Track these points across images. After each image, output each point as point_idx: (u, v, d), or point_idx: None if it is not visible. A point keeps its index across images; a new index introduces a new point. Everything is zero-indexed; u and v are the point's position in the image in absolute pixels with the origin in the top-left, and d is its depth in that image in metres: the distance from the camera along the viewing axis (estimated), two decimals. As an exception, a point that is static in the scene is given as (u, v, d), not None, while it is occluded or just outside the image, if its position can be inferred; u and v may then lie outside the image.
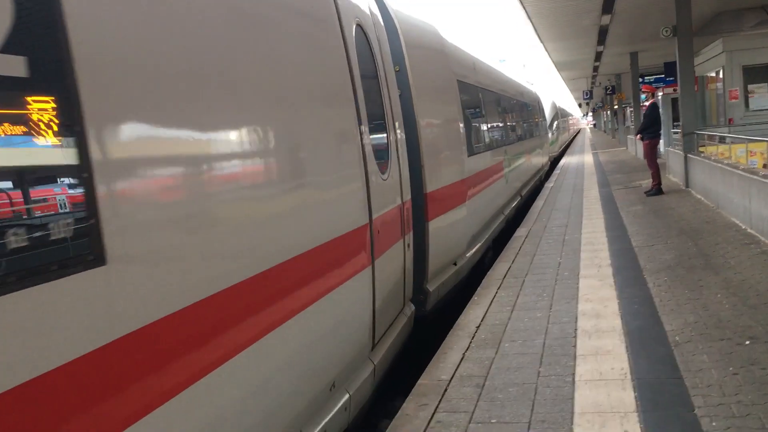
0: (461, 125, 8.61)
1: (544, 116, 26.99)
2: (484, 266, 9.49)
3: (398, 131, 5.86)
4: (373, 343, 4.87)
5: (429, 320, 6.95)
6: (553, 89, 55.77)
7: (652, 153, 14.25)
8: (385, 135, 5.47)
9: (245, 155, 3.13)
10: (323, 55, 4.19)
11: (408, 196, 5.92)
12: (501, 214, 12.18)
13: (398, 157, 5.72)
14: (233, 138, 3.03)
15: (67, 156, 2.04)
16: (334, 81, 4.31)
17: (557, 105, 41.46)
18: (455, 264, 7.96)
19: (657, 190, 14.11)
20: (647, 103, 14.75)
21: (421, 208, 6.68)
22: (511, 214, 13.52)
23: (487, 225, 10.33)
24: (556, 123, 36.52)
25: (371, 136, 4.90)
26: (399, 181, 5.65)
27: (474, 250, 8.96)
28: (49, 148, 2.02)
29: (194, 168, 2.70)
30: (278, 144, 3.42)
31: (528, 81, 25.14)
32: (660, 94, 22.84)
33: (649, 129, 14.32)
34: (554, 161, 31.21)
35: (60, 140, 2.02)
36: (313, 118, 3.87)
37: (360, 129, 4.60)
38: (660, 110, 15.53)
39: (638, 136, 14.75)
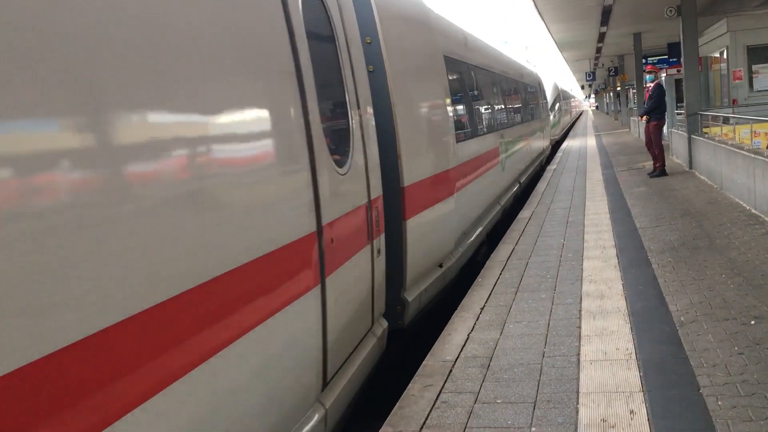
0: (449, 107, 7.65)
1: (545, 98, 25.76)
2: (476, 263, 8.70)
3: (365, 114, 4.95)
4: (324, 383, 3.94)
5: (410, 333, 6.23)
6: (555, 71, 55.52)
7: (657, 134, 14.18)
8: (346, 119, 4.57)
9: (105, 144, 2.15)
10: (242, 15, 3.22)
11: (379, 192, 5.08)
12: (497, 205, 11.16)
13: (365, 145, 4.82)
14: (83, 120, 2.07)
15: None
16: (262, 49, 3.36)
17: (559, 87, 40.03)
18: (441, 266, 7.02)
19: (661, 171, 14.07)
20: (651, 84, 14.59)
21: (397, 204, 5.75)
22: (509, 203, 12.57)
23: (480, 218, 9.42)
24: (558, 105, 35.30)
25: (325, 120, 4.05)
26: (365, 174, 4.76)
27: (464, 248, 8.04)
28: None
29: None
30: (165, 129, 2.48)
31: (528, 61, 23.93)
32: (663, 75, 22.69)
33: (656, 110, 14.23)
34: (556, 144, 30.64)
35: None
36: (225, 94, 2.92)
37: (304, 110, 3.66)
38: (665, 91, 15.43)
39: (643, 117, 14.62)
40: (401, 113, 5.91)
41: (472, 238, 8.61)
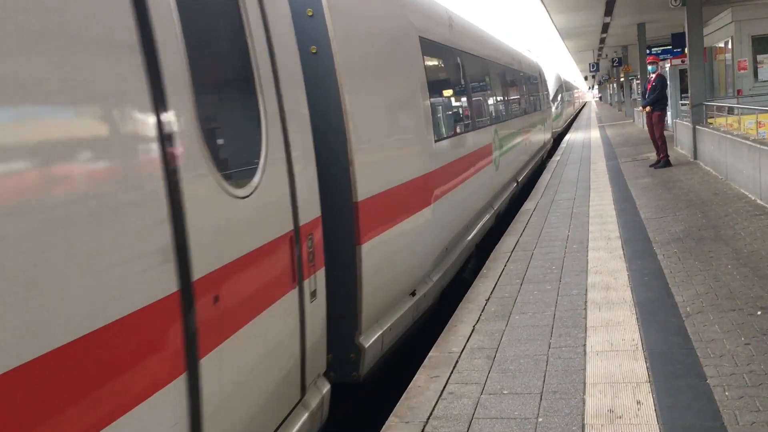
0: (426, 99, 6.21)
1: (546, 89, 24.30)
2: (463, 282, 7.57)
3: (292, 110, 3.65)
4: None
5: (368, 385, 5.06)
6: (557, 61, 55.15)
7: (660, 125, 14.14)
8: (254, 117, 3.30)
9: None
10: None
11: (316, 213, 3.88)
12: (489, 209, 9.81)
13: (289, 152, 3.55)
14: None
15: None
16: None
17: (562, 77, 38.95)
18: (414, 294, 5.72)
19: (665, 162, 14.03)
20: (654, 75, 14.50)
21: (348, 225, 4.52)
22: (504, 206, 11.27)
23: (468, 227, 8.08)
24: (560, 96, 34.27)
25: (208, 120, 2.92)
26: (289, 191, 3.52)
27: (445, 268, 6.68)
28: None
29: None
30: None
31: (530, 50, 22.84)
32: (668, 66, 22.56)
33: (659, 101, 14.19)
34: (559, 137, 30.02)
35: None
36: None
37: (161, 107, 2.42)
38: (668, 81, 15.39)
39: (646, 108, 14.55)
40: (355, 107, 4.63)
41: (457, 254, 7.26)
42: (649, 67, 15.06)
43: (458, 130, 8.06)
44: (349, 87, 4.58)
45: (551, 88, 29.88)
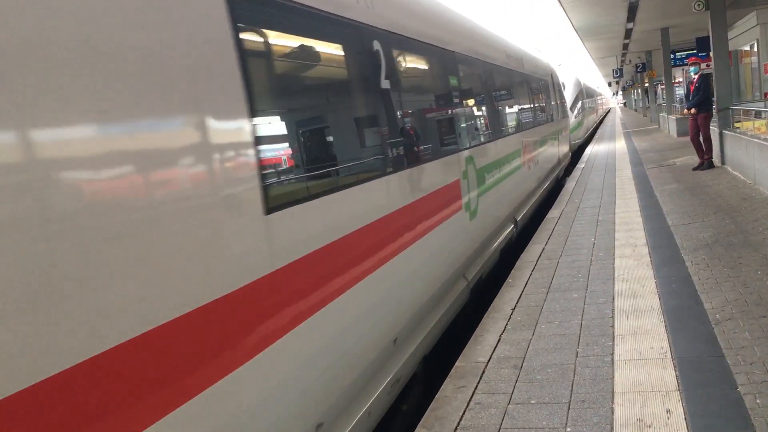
0: (261, 124, 3.16)
1: (561, 96, 19.75)
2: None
3: None
4: None
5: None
6: (579, 66, 54.51)
7: (706, 127, 13.89)
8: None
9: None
10: None
11: None
12: (461, 280, 6.56)
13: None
14: None
15: None
16: None
17: (582, 82, 33.96)
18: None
19: (709, 164, 13.84)
20: (696, 76, 14.22)
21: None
22: (489, 267, 7.88)
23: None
24: (580, 103, 30.07)
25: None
26: None
27: None
28: None
29: None
30: None
31: (539, 50, 18.36)
32: (711, 66, 22.25)
33: (704, 102, 13.95)
34: (579, 149, 26.46)
35: None
36: None
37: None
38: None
39: (691, 110, 14.09)
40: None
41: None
42: (691, 69, 14.74)
43: (374, 169, 4.61)
44: None
45: (569, 94, 27.19)
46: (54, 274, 2.02)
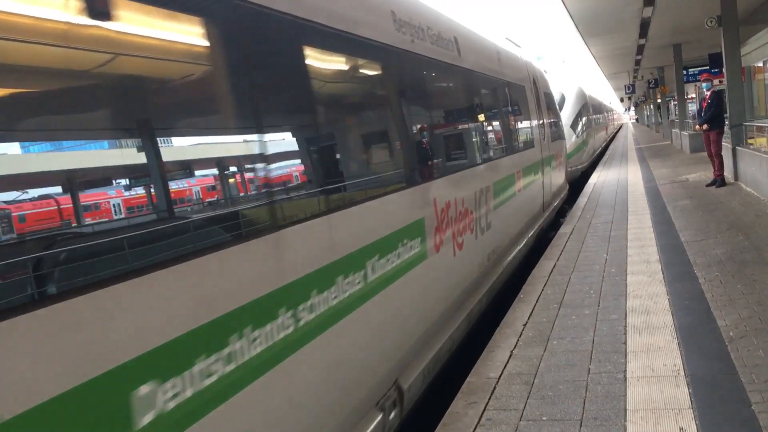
0: None
1: (552, 110, 14.34)
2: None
3: None
4: None
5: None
6: (591, 82, 54.26)
7: (718, 143, 13.86)
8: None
9: None
10: None
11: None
12: None
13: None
14: None
15: None
16: None
17: (587, 94, 26.99)
18: None
19: (721, 181, 13.78)
20: (708, 92, 14.20)
21: None
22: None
23: None
24: (584, 120, 23.39)
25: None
26: None
27: None
28: None
29: None
30: None
31: (510, 39, 11.70)
32: (724, 82, 22.15)
33: (716, 118, 13.91)
34: (584, 174, 21.60)
35: None
36: None
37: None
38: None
39: (703, 126, 14.03)
40: None
41: None
42: (704, 85, 14.71)
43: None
44: None
45: (570, 108, 21.73)
46: None
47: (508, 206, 8.52)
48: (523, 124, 10.71)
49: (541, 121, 12.03)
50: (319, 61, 4.24)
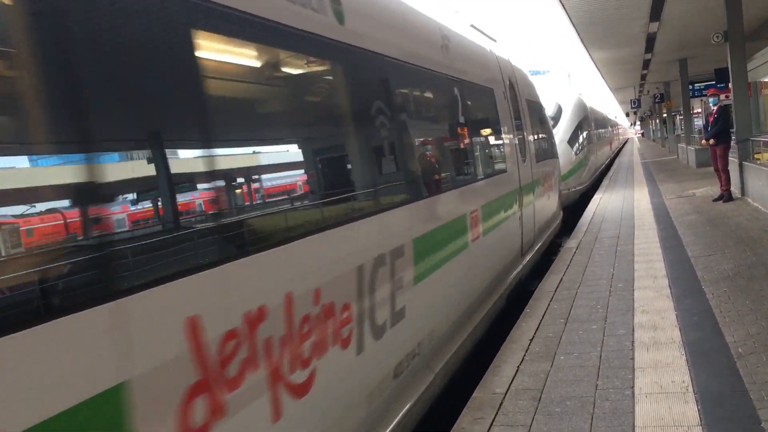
0: None
1: (541, 122, 11.90)
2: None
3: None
4: None
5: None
6: (596, 96, 54.14)
7: (724, 158, 13.83)
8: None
9: None
10: None
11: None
12: None
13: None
14: None
15: None
16: None
17: (588, 106, 24.37)
18: None
19: (728, 196, 13.74)
20: (715, 107, 14.18)
21: None
22: None
23: None
24: (584, 134, 21.04)
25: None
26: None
27: None
28: None
29: None
30: None
31: (474, 27, 8.71)
32: (730, 97, 22.13)
33: (723, 133, 13.89)
34: (584, 196, 19.05)
35: None
36: None
37: None
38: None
39: (709, 141, 13.97)
40: None
41: None
42: (710, 100, 14.69)
43: None
44: None
45: (567, 121, 19.19)
46: None
47: (452, 268, 5.64)
48: (490, 141, 7.96)
49: (519, 137, 9.23)
50: None
